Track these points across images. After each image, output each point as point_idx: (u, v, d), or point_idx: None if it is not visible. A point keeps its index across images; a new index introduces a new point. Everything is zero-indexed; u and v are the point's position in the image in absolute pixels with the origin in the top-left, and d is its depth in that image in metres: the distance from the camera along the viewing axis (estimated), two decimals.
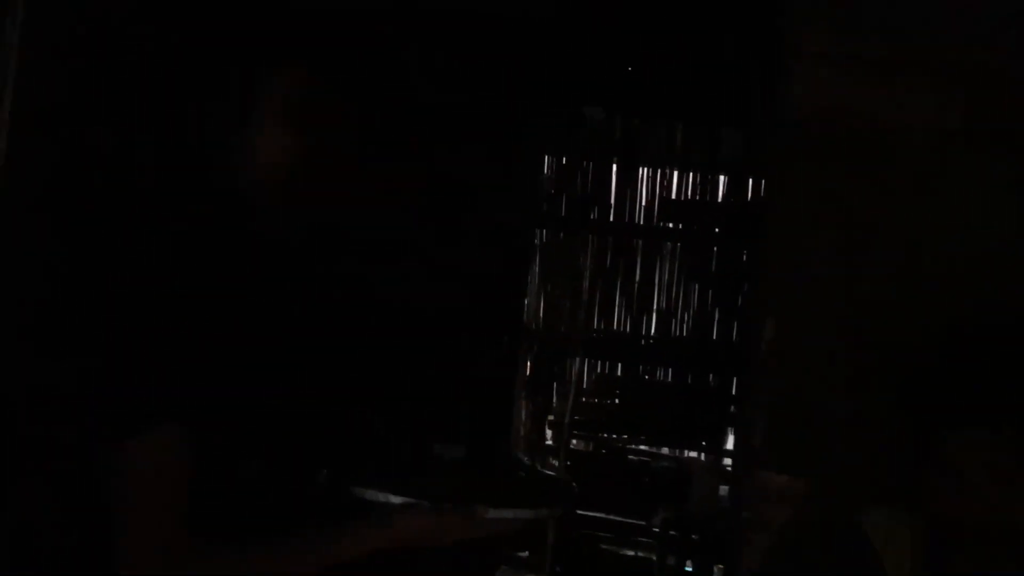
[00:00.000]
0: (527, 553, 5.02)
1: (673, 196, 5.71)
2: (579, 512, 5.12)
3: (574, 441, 5.53)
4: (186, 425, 1.15)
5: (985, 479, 1.38)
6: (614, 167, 5.70)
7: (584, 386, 5.63)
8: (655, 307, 5.74)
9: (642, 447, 5.55)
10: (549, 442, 5.59)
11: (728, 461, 5.69)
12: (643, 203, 5.71)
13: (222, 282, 1.20)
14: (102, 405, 1.15)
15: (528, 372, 5.44)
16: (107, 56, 1.43)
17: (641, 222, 5.71)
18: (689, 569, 5.02)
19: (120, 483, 1.14)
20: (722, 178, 5.63)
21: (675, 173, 5.70)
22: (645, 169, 5.68)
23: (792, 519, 1.53)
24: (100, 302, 1.17)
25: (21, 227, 1.34)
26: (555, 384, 5.69)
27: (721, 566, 5.22)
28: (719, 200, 5.67)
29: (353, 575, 1.26)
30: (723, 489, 5.24)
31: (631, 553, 5.39)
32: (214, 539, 1.18)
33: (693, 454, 5.64)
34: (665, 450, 5.57)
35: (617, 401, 5.58)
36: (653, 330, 5.75)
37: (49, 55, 1.41)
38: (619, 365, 5.76)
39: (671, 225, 5.71)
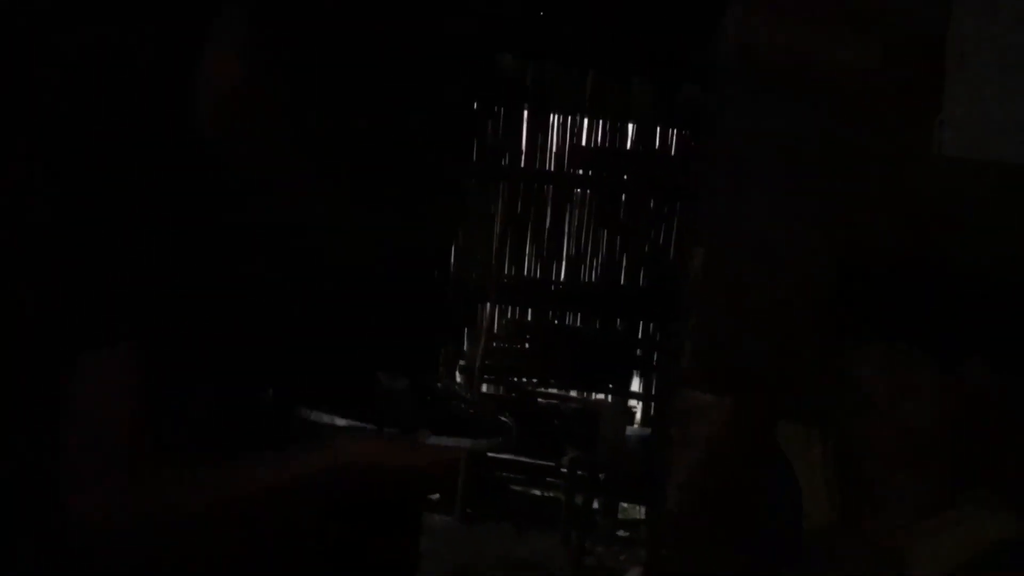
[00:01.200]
0: (437, 495, 5.09)
1: (584, 143, 5.78)
2: (489, 454, 5.21)
3: (485, 385, 5.60)
4: (139, 345, 1.15)
5: (882, 391, 1.47)
6: (525, 114, 5.74)
7: (495, 331, 5.70)
8: (565, 254, 5.83)
9: (551, 390, 5.66)
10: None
11: (633, 403, 5.86)
12: (554, 150, 5.77)
13: (174, 206, 1.20)
14: (57, 323, 1.14)
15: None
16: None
17: (552, 169, 5.77)
18: (595, 507, 5.18)
19: (72, 400, 1.13)
20: (631, 126, 5.72)
21: (586, 120, 5.76)
22: (557, 116, 5.73)
23: (714, 437, 1.61)
24: (61, 221, 1.16)
25: None
26: (466, 329, 5.74)
27: (625, 504, 5.40)
28: (628, 148, 5.77)
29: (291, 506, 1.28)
30: (629, 430, 5.40)
31: (539, 493, 5.52)
32: (161, 461, 1.18)
33: (600, 397, 5.78)
34: (573, 393, 5.69)
35: (527, 346, 5.67)
36: (563, 276, 5.84)
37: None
38: (529, 311, 5.85)
39: (581, 172, 5.79)
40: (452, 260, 5.52)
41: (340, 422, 1.24)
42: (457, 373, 5.60)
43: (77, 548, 1.15)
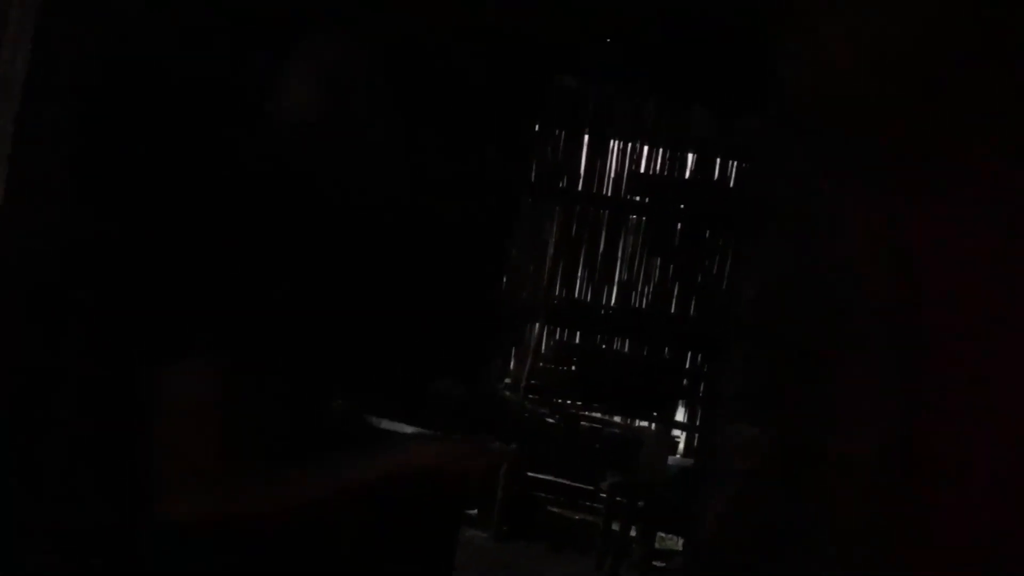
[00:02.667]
0: (476, 511, 5.11)
1: (642, 170, 5.79)
2: (529, 474, 5.22)
3: (528, 405, 5.62)
4: (223, 355, 1.20)
5: None
6: (585, 138, 5.77)
7: (542, 351, 5.72)
8: (617, 279, 5.84)
9: (595, 414, 5.66)
10: None
11: (676, 432, 5.84)
12: (612, 176, 5.79)
13: (260, 223, 1.25)
14: (146, 334, 1.21)
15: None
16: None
17: (608, 194, 5.79)
18: (633, 534, 5.16)
19: (162, 408, 1.20)
20: (690, 156, 5.73)
21: (645, 148, 5.77)
22: (616, 142, 5.75)
23: (755, 470, 1.61)
24: (152, 237, 1.22)
25: (65, 157, 1.38)
26: (513, 348, 5.77)
27: (662, 534, 5.37)
28: (686, 177, 5.77)
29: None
30: (670, 459, 5.38)
31: (577, 516, 5.51)
32: (240, 466, 1.24)
33: (643, 424, 5.76)
34: (617, 419, 5.68)
35: (574, 368, 5.67)
36: (613, 301, 5.85)
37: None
38: (577, 333, 5.86)
39: (638, 199, 5.80)
40: (504, 278, 5.56)
41: (408, 429, 1.30)
42: (501, 385, 5.63)
43: (163, 546, 1.21)
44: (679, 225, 5.76)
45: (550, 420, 1.45)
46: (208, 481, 1.21)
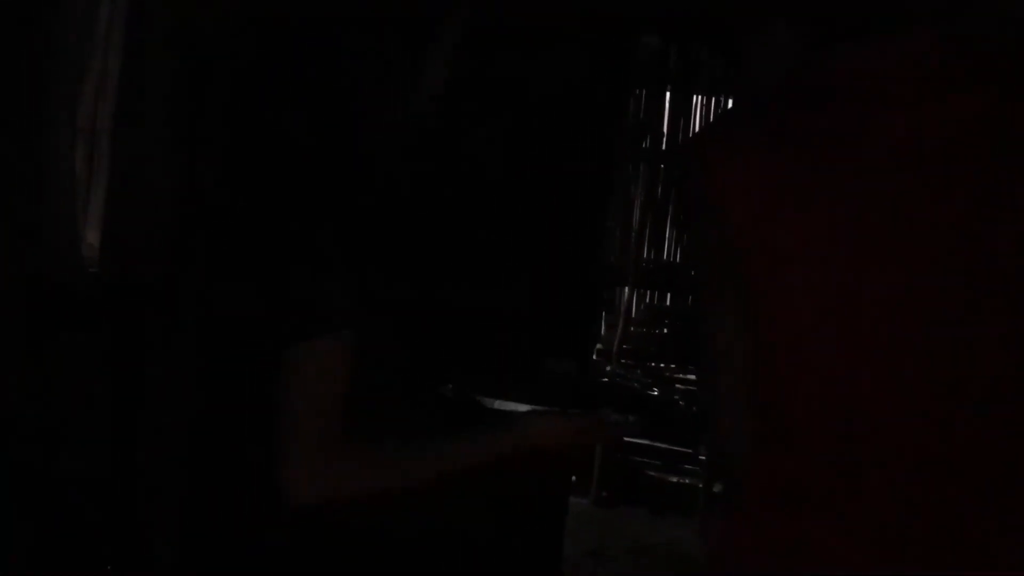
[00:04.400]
0: (574, 477, 5.11)
1: None
2: (626, 439, 5.19)
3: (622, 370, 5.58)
4: (351, 334, 1.20)
5: None
6: (668, 95, 5.66)
7: (633, 315, 5.67)
8: None
9: (690, 376, 5.59)
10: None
11: None
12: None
13: (383, 207, 1.26)
14: (280, 312, 1.21)
15: None
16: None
17: None
18: None
19: (292, 384, 1.20)
20: None
21: (729, 103, 5.64)
22: (700, 97, 5.63)
23: None
24: (285, 215, 1.23)
25: (203, 144, 1.39)
26: (604, 313, 5.73)
27: None
28: None
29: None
30: None
31: (676, 480, 5.48)
32: (361, 442, 1.24)
33: None
34: None
35: (666, 331, 5.61)
36: None
37: None
38: (668, 295, 5.79)
39: None
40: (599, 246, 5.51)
41: (523, 407, 1.29)
42: (595, 357, 5.60)
43: (287, 517, 1.22)
44: None
45: (658, 393, 1.46)
46: (333, 458, 1.21)
